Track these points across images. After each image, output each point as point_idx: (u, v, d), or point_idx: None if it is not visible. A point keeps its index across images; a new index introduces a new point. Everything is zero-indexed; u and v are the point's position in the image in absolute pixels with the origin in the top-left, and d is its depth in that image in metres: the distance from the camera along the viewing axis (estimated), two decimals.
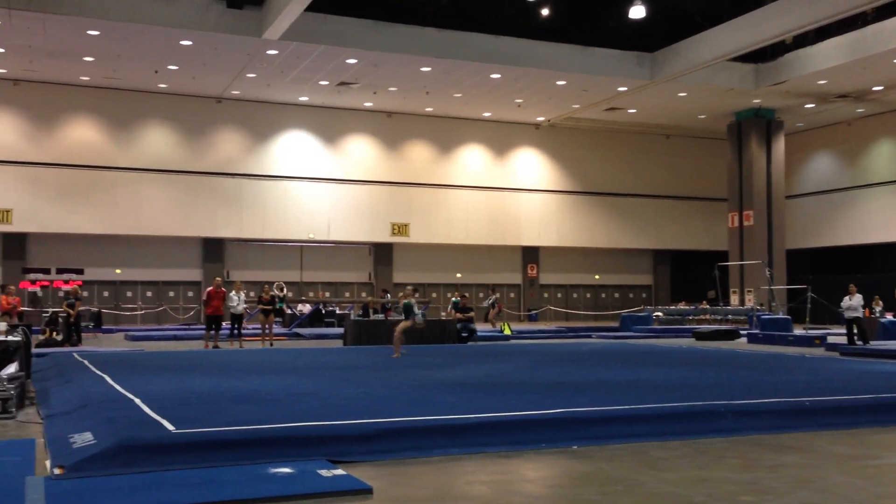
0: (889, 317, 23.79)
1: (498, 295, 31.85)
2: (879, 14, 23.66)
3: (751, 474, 6.00)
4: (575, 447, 6.96)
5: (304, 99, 30.89)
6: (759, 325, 24.11)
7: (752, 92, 29.27)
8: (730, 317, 28.10)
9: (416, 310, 15.86)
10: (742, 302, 31.62)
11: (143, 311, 31.00)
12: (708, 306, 30.18)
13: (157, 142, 30.18)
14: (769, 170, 32.13)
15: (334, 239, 32.43)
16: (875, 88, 28.75)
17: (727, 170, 33.56)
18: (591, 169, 36.16)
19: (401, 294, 16.86)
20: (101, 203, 29.10)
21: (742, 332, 24.16)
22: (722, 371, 12.53)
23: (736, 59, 26.98)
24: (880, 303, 24.52)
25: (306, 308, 29.79)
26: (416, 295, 16.95)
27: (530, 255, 36.44)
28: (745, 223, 32.15)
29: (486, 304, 29.65)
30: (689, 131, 36.30)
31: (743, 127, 32.44)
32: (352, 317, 22.02)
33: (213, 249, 31.61)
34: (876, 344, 19.12)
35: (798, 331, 23.41)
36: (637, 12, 22.95)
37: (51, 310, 22.08)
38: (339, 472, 5.83)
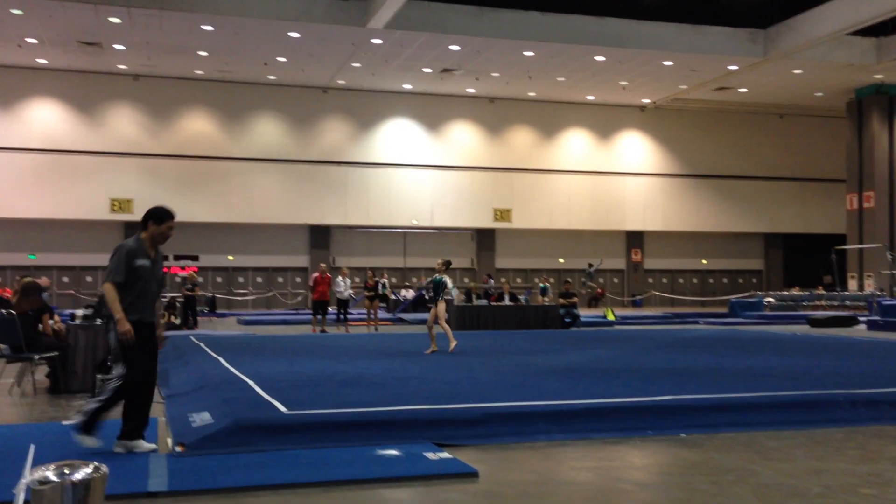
0: None
1: (601, 260, 31.16)
2: None
3: (871, 466, 5.75)
4: (683, 435, 6.81)
5: (407, 87, 31.21)
6: (880, 312, 22.93)
7: (874, 67, 27.77)
8: (847, 303, 26.87)
9: (450, 285, 13.76)
10: (861, 287, 30.16)
11: (253, 297, 32.11)
12: (824, 292, 28.96)
13: (266, 132, 31.13)
14: (892, 148, 30.48)
15: (437, 225, 32.70)
16: None
17: (846, 149, 32.01)
18: (698, 151, 35.16)
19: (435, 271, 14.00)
20: (215, 192, 30.27)
21: (861, 318, 23.06)
22: (838, 359, 12.02)
23: (855, 34, 25.64)
24: None
25: (410, 294, 30.20)
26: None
27: (634, 239, 35.78)
28: (865, 205, 30.61)
29: (589, 272, 29.41)
30: (804, 110, 34.79)
31: (863, 104, 30.85)
32: (454, 302, 22.17)
33: (320, 236, 32.41)
34: None
35: None
36: None
37: (169, 295, 23.14)
38: (446, 455, 5.90)
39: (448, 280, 13.66)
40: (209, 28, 23.87)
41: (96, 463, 3.45)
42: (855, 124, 31.24)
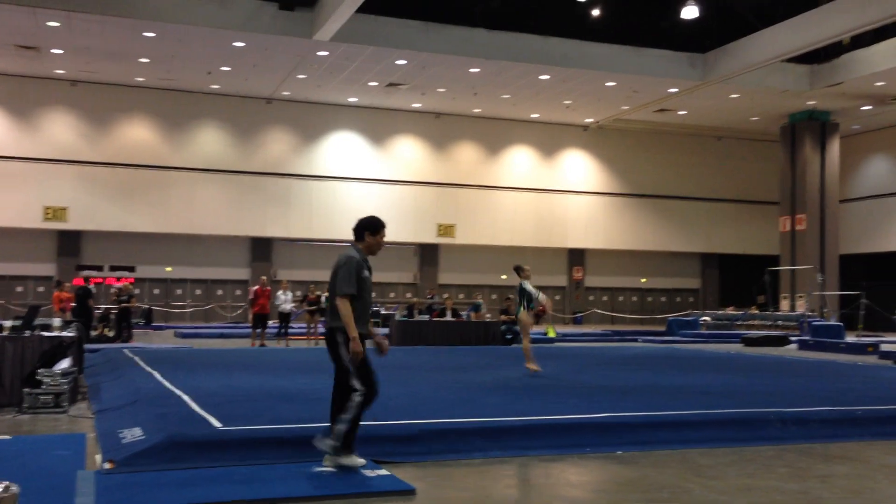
0: None
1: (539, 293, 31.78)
2: None
3: (799, 484, 5.89)
4: (620, 452, 6.89)
5: (353, 100, 31.13)
6: (810, 332, 23.60)
7: (807, 93, 28.69)
8: (780, 323, 27.58)
9: (533, 292, 12.33)
10: (793, 308, 31.00)
11: (192, 309, 31.54)
12: (757, 311, 29.68)
13: (209, 142, 30.70)
14: (823, 173, 31.46)
15: None
16: None
17: (780, 173, 32.94)
18: (639, 171, 35.79)
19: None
20: (155, 202, 29.69)
21: (792, 338, 23.69)
22: (770, 378, 12.31)
23: (790, 60, 26.47)
24: None
25: None
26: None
27: (576, 257, 36.20)
28: (798, 227, 31.52)
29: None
30: (741, 133, 35.72)
31: (797, 129, 31.81)
32: (397, 317, 22.11)
33: (261, 249, 32.03)
34: None
35: (850, 338, 22.87)
36: (689, 12, 22.67)
37: (103, 307, 22.59)
38: (383, 472, 5.86)
39: (529, 285, 12.39)
40: (151, 35, 23.49)
41: (7, 482, 3.33)
42: (788, 149, 32.18)
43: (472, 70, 26.69)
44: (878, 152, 34.84)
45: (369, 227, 6.22)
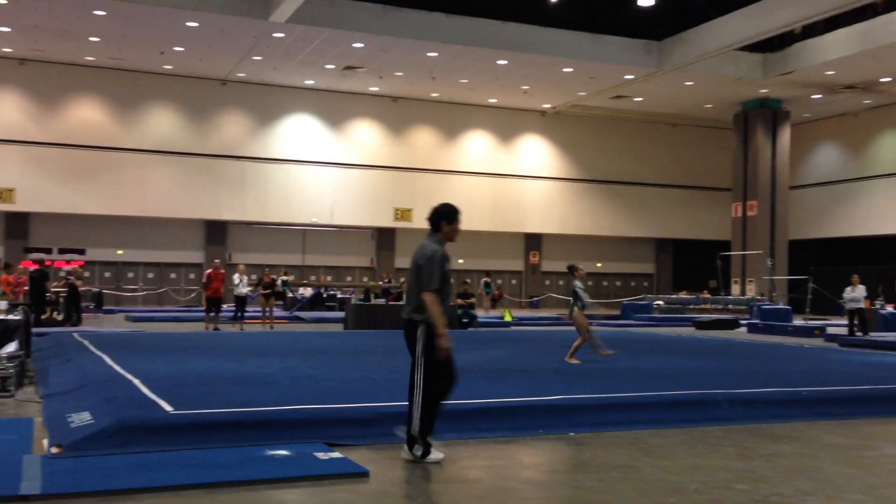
0: (890, 308, 23.76)
1: (489, 279, 32.16)
2: (889, 5, 23.51)
3: (746, 463, 6.02)
4: (572, 434, 6.97)
5: (309, 82, 30.83)
6: (760, 315, 24.10)
7: (760, 82, 29.14)
8: (730, 306, 28.10)
9: (579, 291, 12.33)
10: (743, 292, 31.60)
11: (144, 293, 31.08)
12: (709, 296, 30.19)
13: (161, 123, 30.16)
14: (774, 160, 32.04)
15: (337, 223, 32.44)
16: (883, 80, 28.60)
17: (732, 160, 33.47)
18: (595, 157, 36.07)
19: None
20: (105, 184, 29.12)
21: (742, 321, 24.16)
22: (720, 360, 12.54)
23: (744, 49, 26.84)
24: None
25: (308, 292, 29.88)
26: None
27: (533, 242, 36.42)
28: (749, 213, 32.09)
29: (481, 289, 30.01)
30: (695, 120, 36.17)
31: (749, 117, 32.31)
32: (353, 301, 22.04)
33: (216, 232, 31.65)
34: (876, 335, 19.12)
35: (798, 321, 23.40)
36: (646, 0, 22.82)
37: (52, 289, 22.14)
38: (336, 455, 5.85)
39: (579, 286, 12.41)
40: (102, 13, 22.95)
41: None
42: (741, 136, 32.69)
43: (429, 54, 26.58)
44: (828, 140, 35.58)
45: (447, 216, 6.08)
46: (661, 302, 29.59)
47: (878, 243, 33.71)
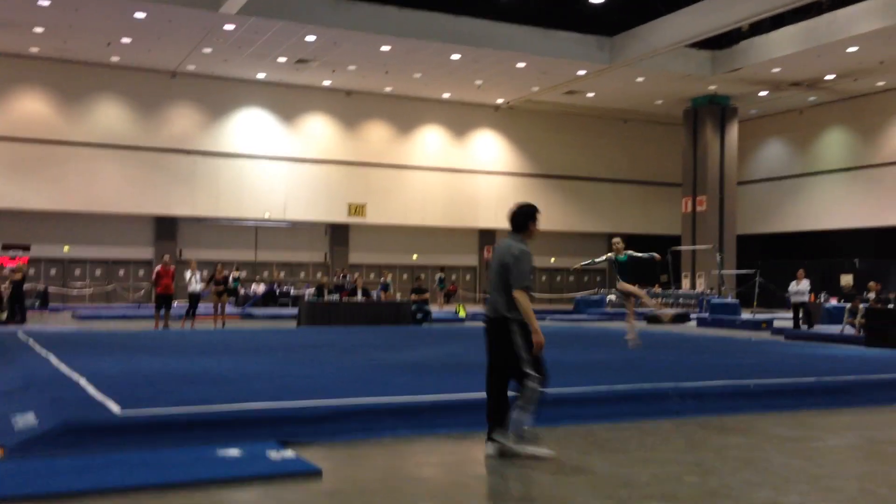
0: (833, 301, 24.36)
1: (443, 275, 32.26)
2: (834, 3, 24.06)
3: (695, 455, 6.11)
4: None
5: (261, 76, 30.48)
6: (709, 309, 24.53)
7: (708, 78, 29.60)
8: (681, 300, 28.54)
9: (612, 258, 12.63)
10: (693, 286, 32.11)
11: (91, 290, 30.45)
12: (660, 290, 30.62)
13: (109, 116, 29.55)
14: (722, 156, 32.60)
15: (290, 218, 32.16)
16: (827, 77, 29.27)
17: (682, 155, 33.96)
18: (549, 152, 36.30)
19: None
20: (51, 178, 28.44)
21: (692, 315, 24.55)
22: (670, 353, 12.72)
23: (693, 46, 27.24)
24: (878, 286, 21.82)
25: (260, 288, 29.60)
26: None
27: (487, 237, 36.53)
28: (699, 208, 32.60)
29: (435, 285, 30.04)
30: (646, 116, 36.62)
31: (698, 113, 32.82)
32: (306, 297, 21.88)
33: (166, 228, 31.14)
34: (821, 328, 19.59)
35: (746, 315, 23.86)
36: None
37: None
38: (289, 453, 5.80)
39: (618, 256, 12.82)
40: (46, 3, 22.38)
41: None
42: (690, 132, 33.19)
43: (383, 48, 26.47)
44: (774, 136, 36.30)
45: (532, 216, 6.23)
46: (613, 297, 29.90)
47: (823, 238, 34.54)
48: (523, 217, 6.20)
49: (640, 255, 13.28)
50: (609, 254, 13.08)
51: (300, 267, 33.79)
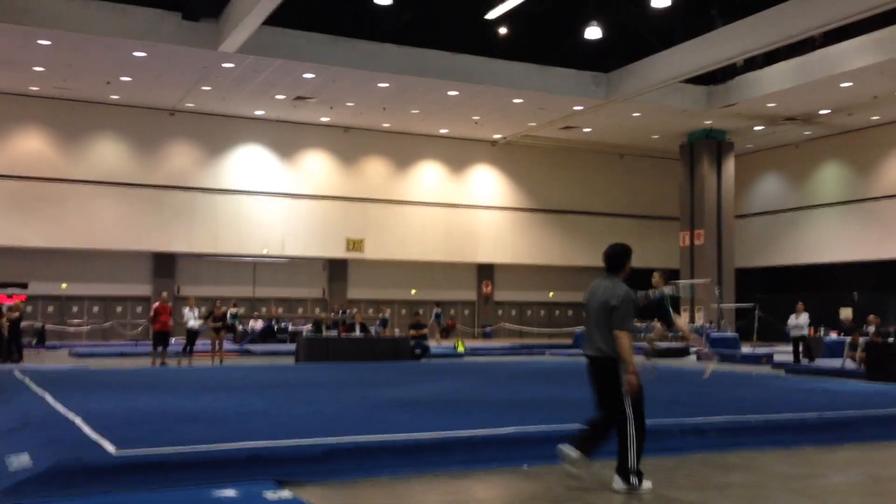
0: (833, 335, 24.28)
1: (440, 310, 32.21)
2: (827, 39, 24.30)
3: (699, 494, 6.04)
4: (526, 466, 6.93)
5: (260, 113, 30.66)
6: (709, 343, 24.41)
7: (704, 113, 29.80)
8: (680, 334, 28.40)
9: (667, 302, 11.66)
10: (692, 319, 32.02)
11: (89, 328, 30.32)
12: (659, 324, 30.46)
13: (108, 154, 29.66)
14: (719, 190, 32.70)
15: (288, 254, 32.15)
16: (821, 112, 29.48)
17: (679, 189, 34.06)
18: (546, 187, 36.41)
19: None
20: (49, 216, 28.45)
21: (692, 349, 24.44)
22: (670, 388, 12.63)
23: (688, 81, 27.45)
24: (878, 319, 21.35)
25: (258, 324, 29.50)
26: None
27: (485, 271, 36.52)
28: (696, 242, 32.63)
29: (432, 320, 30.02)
30: (642, 151, 36.80)
31: (695, 147, 32.99)
32: (304, 333, 21.79)
33: (164, 264, 31.11)
34: (821, 362, 19.50)
35: (745, 348, 23.76)
36: (593, 33, 23.25)
37: None
38: (286, 493, 5.72)
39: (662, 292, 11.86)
40: (46, 43, 22.57)
41: None
42: (687, 166, 33.34)
43: (380, 84, 26.67)
44: (771, 170, 36.46)
45: (629, 256, 6.46)
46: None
47: (822, 271, 34.54)
48: (622, 257, 6.42)
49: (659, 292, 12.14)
50: (660, 289, 12.16)
51: (298, 303, 33.71)
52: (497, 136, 34.46)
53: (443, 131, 33.50)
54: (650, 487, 6.09)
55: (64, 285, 30.04)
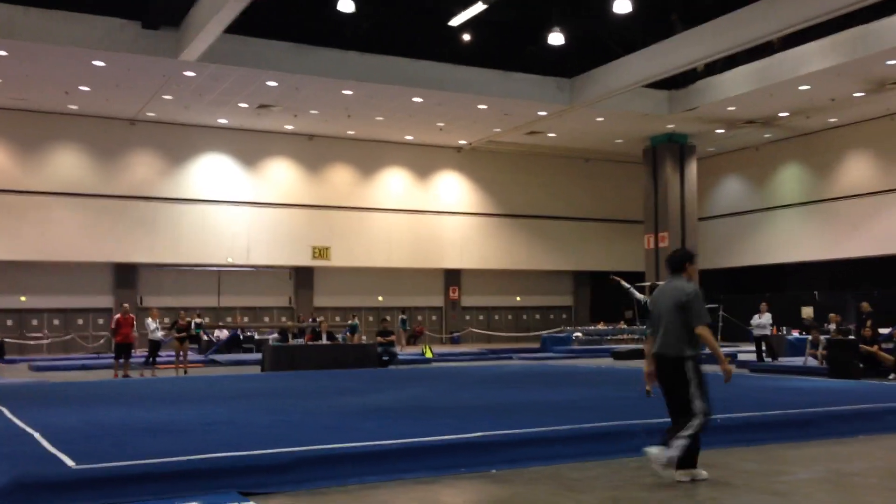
0: (795, 334, 24.63)
1: (406, 316, 32.18)
2: (785, 43, 24.68)
3: (664, 493, 6.06)
4: (493, 471, 6.91)
5: (222, 121, 30.39)
6: None
7: (666, 117, 30.11)
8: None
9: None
10: None
11: (49, 340, 29.77)
12: (626, 326, 30.76)
13: (67, 164, 29.19)
14: (682, 193, 33.05)
15: (254, 263, 31.88)
16: (781, 115, 29.93)
17: (643, 192, 34.37)
18: (512, 192, 36.53)
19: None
20: (7, 228, 27.91)
21: None
22: (637, 390, 12.70)
23: (650, 86, 27.72)
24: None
25: (223, 334, 29.19)
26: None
27: (452, 277, 36.52)
28: (661, 244, 32.91)
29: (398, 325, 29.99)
30: (606, 155, 37.07)
31: (657, 151, 33.31)
32: (270, 342, 21.60)
33: (126, 275, 30.67)
34: (784, 361, 19.77)
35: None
36: (555, 39, 23.39)
37: None
38: None
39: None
40: (2, 53, 22.15)
41: None
42: (650, 170, 33.64)
43: (344, 92, 26.58)
44: (732, 173, 36.94)
45: (691, 258, 6.85)
46: (579, 334, 29.99)
47: (783, 271, 35.05)
48: (683, 259, 6.80)
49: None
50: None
51: (264, 311, 33.42)
52: (462, 142, 34.51)
53: (408, 138, 33.47)
54: (683, 480, 6.33)
55: (23, 298, 29.48)
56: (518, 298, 38.28)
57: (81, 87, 25.65)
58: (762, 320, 19.90)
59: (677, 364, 6.40)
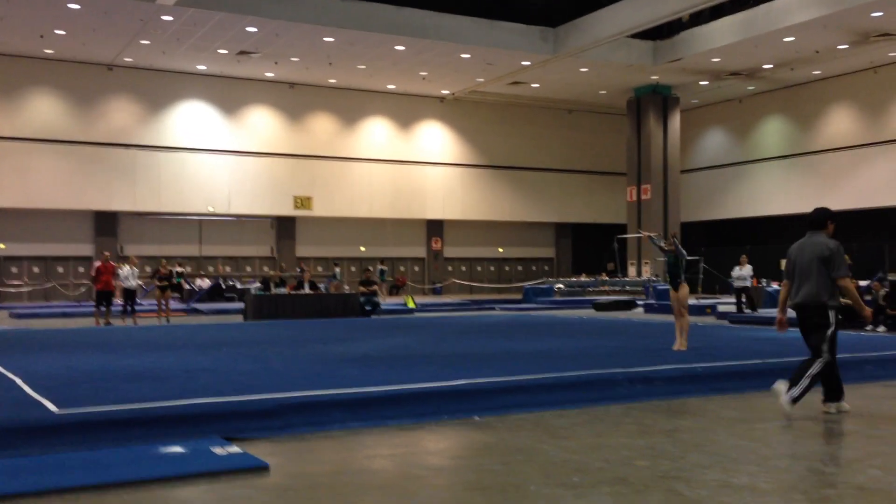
0: (775, 286, 24.86)
1: (385, 267, 32.17)
2: None
3: (646, 439, 6.13)
4: (476, 418, 6.96)
5: (202, 68, 29.87)
6: (655, 296, 24.84)
7: (650, 68, 29.93)
8: (628, 287, 28.87)
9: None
10: (639, 273, 32.52)
11: (29, 289, 29.57)
12: (607, 278, 30.95)
13: (44, 110, 28.67)
14: (665, 145, 33.02)
15: (235, 212, 31.66)
16: (765, 66, 29.83)
17: (626, 144, 34.30)
18: (494, 142, 36.35)
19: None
20: None
21: (639, 302, 24.85)
22: (619, 340, 12.83)
23: (635, 36, 27.49)
24: None
25: (205, 283, 29.10)
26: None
27: (434, 228, 36.48)
28: (643, 197, 32.99)
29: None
30: (590, 106, 36.88)
31: (641, 103, 33.17)
32: (252, 291, 21.56)
33: (106, 223, 30.39)
34: (763, 312, 19.99)
35: (691, 300, 24.16)
36: None
37: None
38: (235, 449, 5.65)
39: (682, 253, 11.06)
40: None
41: None
42: (634, 121, 33.56)
43: (326, 39, 26.16)
44: (716, 125, 36.92)
45: (832, 216, 7.12)
46: (561, 285, 30.16)
47: (765, 224, 35.25)
48: (825, 217, 7.10)
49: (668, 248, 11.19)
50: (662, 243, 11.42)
51: (246, 261, 33.31)
52: (445, 92, 34.18)
53: (390, 87, 33.09)
54: (830, 411, 6.95)
55: (2, 245, 29.19)
56: (500, 250, 38.36)
57: (57, 31, 25.09)
58: (742, 272, 20.05)
59: (821, 311, 6.85)
